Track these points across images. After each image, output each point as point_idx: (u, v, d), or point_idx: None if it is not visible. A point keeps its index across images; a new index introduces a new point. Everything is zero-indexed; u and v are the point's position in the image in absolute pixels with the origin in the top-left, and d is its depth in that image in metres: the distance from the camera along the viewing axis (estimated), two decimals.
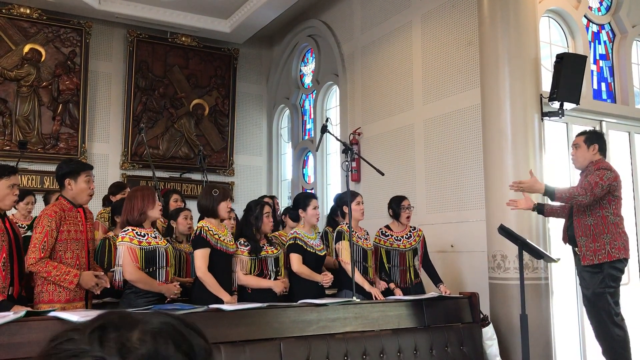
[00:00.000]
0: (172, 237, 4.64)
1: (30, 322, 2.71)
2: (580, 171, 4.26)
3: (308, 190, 8.18)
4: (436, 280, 4.58)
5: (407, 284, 4.53)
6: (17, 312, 2.79)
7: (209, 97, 8.71)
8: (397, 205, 4.64)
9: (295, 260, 4.10)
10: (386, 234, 4.65)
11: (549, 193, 4.09)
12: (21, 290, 3.41)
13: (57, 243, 3.37)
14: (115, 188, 5.36)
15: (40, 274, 3.31)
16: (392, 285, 4.46)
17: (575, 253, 4.25)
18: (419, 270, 4.64)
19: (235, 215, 5.60)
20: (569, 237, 4.24)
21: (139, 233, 3.55)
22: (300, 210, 4.31)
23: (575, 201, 4.01)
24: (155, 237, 3.64)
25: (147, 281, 3.50)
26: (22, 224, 5.04)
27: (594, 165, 4.10)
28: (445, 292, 4.36)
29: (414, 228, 4.72)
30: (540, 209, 4.36)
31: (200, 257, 3.73)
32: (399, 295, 4.30)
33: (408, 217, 4.64)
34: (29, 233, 4.42)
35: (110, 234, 4.47)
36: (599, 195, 3.97)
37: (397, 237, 4.63)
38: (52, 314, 2.87)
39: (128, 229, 3.54)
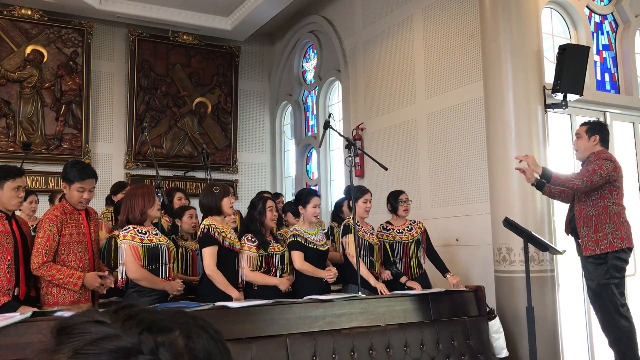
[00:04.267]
0: (177, 235, 4.65)
1: (37, 323, 2.71)
2: (582, 162, 4.26)
3: (312, 187, 8.17)
4: (443, 269, 4.57)
5: (412, 276, 4.52)
6: (23, 313, 2.80)
7: (212, 95, 8.71)
8: (394, 200, 4.66)
9: (297, 257, 4.09)
10: (387, 228, 4.66)
11: (547, 176, 4.07)
12: (29, 290, 3.43)
13: (60, 246, 3.39)
14: (117, 187, 5.37)
15: (45, 278, 3.33)
16: (404, 278, 4.44)
17: (578, 244, 4.24)
18: (422, 261, 4.64)
19: (240, 213, 5.61)
20: (572, 229, 4.23)
21: (140, 231, 3.56)
22: (300, 207, 4.31)
23: (571, 184, 3.99)
24: (156, 234, 3.65)
25: (150, 279, 3.50)
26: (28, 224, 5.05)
27: (595, 156, 4.09)
28: (454, 282, 4.35)
29: (414, 221, 4.73)
30: (540, 185, 4.32)
31: (209, 255, 3.73)
32: (417, 288, 4.28)
33: (406, 210, 4.64)
34: (33, 233, 4.43)
35: (115, 232, 4.47)
36: (596, 183, 3.95)
37: (399, 230, 4.63)
38: (58, 314, 2.87)
39: (129, 227, 3.54)
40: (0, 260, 3.23)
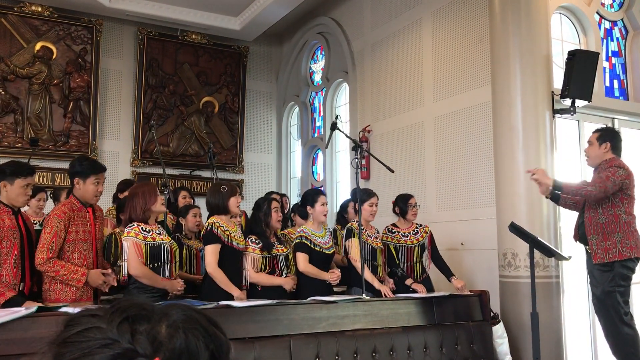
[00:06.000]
0: (181, 233, 4.65)
1: (42, 318, 2.72)
2: (594, 169, 4.24)
3: (318, 188, 8.17)
4: (448, 274, 4.54)
5: (415, 280, 4.50)
6: (28, 308, 2.81)
7: (219, 95, 8.73)
8: (404, 204, 4.63)
9: (301, 259, 4.07)
10: (393, 231, 4.64)
11: (557, 187, 4.06)
12: (32, 286, 3.44)
13: (65, 243, 3.40)
14: (123, 185, 5.37)
15: (49, 274, 3.34)
16: (409, 280, 4.42)
17: (586, 251, 4.22)
18: (427, 265, 4.63)
19: (245, 212, 5.62)
20: (580, 235, 4.21)
21: (144, 229, 3.57)
22: (308, 207, 4.29)
23: (584, 192, 3.97)
24: (160, 234, 3.66)
25: (151, 276, 3.51)
26: (34, 220, 5.07)
27: (607, 163, 4.07)
28: (459, 286, 4.33)
29: (420, 225, 4.71)
30: (555, 197, 4.33)
31: (211, 253, 3.73)
32: (421, 291, 4.26)
33: (414, 215, 4.64)
34: (38, 228, 4.45)
35: (117, 230, 4.49)
36: (610, 190, 3.93)
37: (404, 233, 4.61)
38: (63, 309, 2.88)
39: (133, 224, 3.56)
40: (7, 254, 3.25)
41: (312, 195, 4.32)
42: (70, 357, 0.65)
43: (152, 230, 3.61)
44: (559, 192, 4.22)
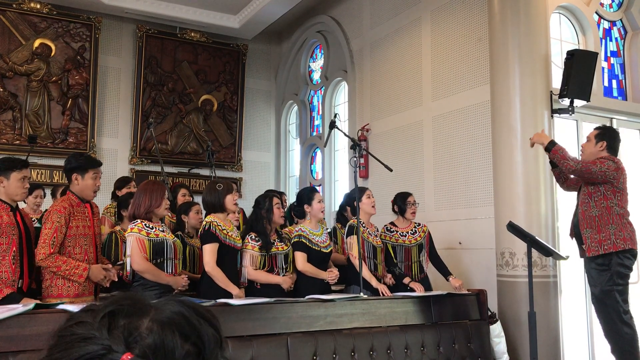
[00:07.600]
0: (183, 231, 4.63)
1: (39, 315, 2.72)
2: None
3: (316, 187, 8.16)
4: (445, 273, 4.55)
5: (413, 279, 4.51)
6: (26, 305, 2.81)
7: (218, 93, 8.72)
8: (402, 202, 4.64)
9: (300, 258, 4.07)
10: (391, 230, 4.64)
11: (551, 144, 4.09)
12: (31, 283, 3.44)
13: (66, 238, 3.39)
14: (121, 183, 5.36)
15: (50, 269, 3.33)
16: (407, 279, 4.42)
17: (581, 249, 4.22)
18: (425, 265, 4.63)
19: (243, 210, 5.61)
20: (576, 233, 4.22)
21: (147, 225, 3.57)
22: (305, 206, 4.28)
23: (565, 164, 3.99)
24: (163, 231, 3.66)
25: (155, 272, 3.51)
26: (32, 217, 5.06)
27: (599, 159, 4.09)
28: (456, 285, 4.33)
29: (419, 224, 4.71)
30: (553, 163, 4.37)
31: (209, 252, 3.73)
32: (419, 290, 4.26)
33: (413, 213, 4.64)
34: (37, 225, 4.44)
35: (117, 228, 4.48)
36: (593, 173, 3.93)
37: (402, 232, 4.61)
38: (60, 306, 2.88)
39: (137, 221, 3.56)
40: (5, 251, 3.25)
41: (307, 194, 4.32)
42: (58, 350, 0.66)
43: (156, 227, 3.62)
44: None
